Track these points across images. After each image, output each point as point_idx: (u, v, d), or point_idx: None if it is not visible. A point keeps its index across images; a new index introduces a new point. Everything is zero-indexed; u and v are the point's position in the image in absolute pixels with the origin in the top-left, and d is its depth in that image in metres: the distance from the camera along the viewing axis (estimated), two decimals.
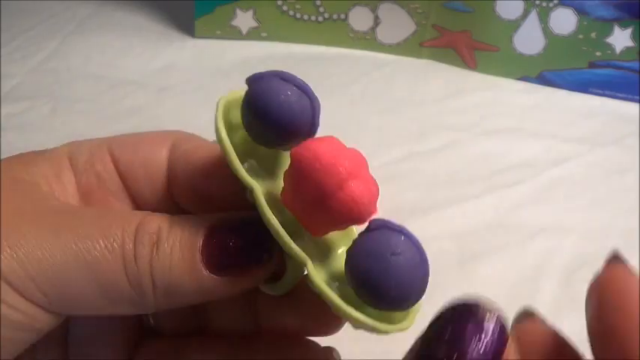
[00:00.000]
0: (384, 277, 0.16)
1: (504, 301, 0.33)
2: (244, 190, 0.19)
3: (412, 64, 0.58)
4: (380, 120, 0.49)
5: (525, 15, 0.54)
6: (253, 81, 0.20)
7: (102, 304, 0.18)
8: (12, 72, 0.54)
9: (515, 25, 0.54)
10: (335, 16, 0.58)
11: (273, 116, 0.18)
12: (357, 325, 0.17)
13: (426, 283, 0.17)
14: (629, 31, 0.52)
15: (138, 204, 0.21)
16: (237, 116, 0.20)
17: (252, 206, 0.18)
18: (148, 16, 0.65)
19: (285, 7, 0.58)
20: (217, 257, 0.18)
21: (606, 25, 0.52)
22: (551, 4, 0.53)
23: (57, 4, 0.66)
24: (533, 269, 0.35)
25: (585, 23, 0.52)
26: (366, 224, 0.18)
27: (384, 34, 0.59)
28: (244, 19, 0.59)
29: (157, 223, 0.18)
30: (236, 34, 0.60)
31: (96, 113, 0.49)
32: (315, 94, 0.20)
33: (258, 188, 0.18)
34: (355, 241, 0.17)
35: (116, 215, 0.19)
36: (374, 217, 0.18)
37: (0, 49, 0.58)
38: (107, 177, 0.21)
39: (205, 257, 0.18)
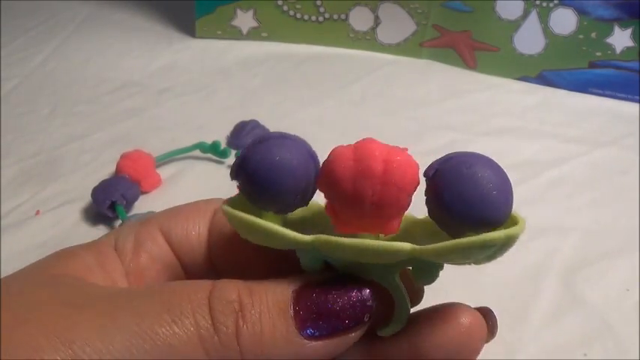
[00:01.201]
0: (474, 189, 0.16)
1: (504, 301, 0.33)
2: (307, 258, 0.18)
3: (412, 64, 0.58)
4: (380, 120, 0.49)
5: (525, 15, 0.54)
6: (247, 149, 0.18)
7: None
8: (12, 73, 0.54)
9: (515, 25, 0.54)
10: (335, 16, 0.58)
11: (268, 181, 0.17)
12: (486, 247, 0.16)
13: (510, 188, 0.17)
14: (629, 31, 0.52)
15: (192, 274, 0.20)
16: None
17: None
18: (148, 17, 0.65)
19: (285, 7, 0.58)
20: (313, 321, 0.17)
21: (606, 25, 0.52)
22: (551, 4, 0.53)
23: (57, 5, 0.66)
24: (534, 269, 0.35)
25: (585, 23, 0.52)
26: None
27: (384, 34, 0.59)
28: (245, 19, 0.59)
29: (234, 290, 0.17)
30: (236, 34, 0.60)
31: (96, 114, 0.49)
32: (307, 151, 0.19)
33: (320, 236, 0.17)
34: (428, 187, 0.17)
35: (177, 287, 0.17)
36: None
37: (0, 49, 0.58)
38: (159, 252, 0.20)
39: (299, 322, 0.16)
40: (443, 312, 0.19)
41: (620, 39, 0.52)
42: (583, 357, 0.30)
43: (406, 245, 0.17)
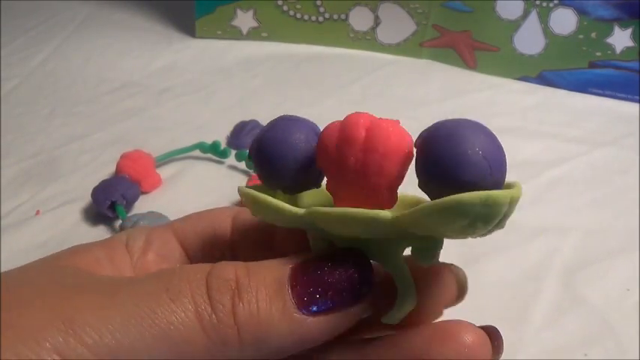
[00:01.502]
0: (452, 148, 0.16)
1: (505, 301, 0.33)
2: (310, 234, 0.18)
3: (412, 64, 0.58)
4: None
5: (525, 15, 0.54)
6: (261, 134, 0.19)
7: None
8: (12, 73, 0.54)
9: (515, 25, 0.54)
10: (335, 16, 0.58)
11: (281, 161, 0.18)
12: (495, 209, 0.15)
13: (499, 152, 0.16)
14: (629, 31, 0.52)
15: None
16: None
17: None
18: (148, 17, 0.65)
19: (285, 7, 0.58)
20: (310, 296, 0.16)
21: (606, 25, 0.52)
22: (551, 4, 0.53)
23: (57, 5, 0.66)
24: (534, 269, 0.35)
25: (585, 23, 0.52)
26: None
27: (384, 34, 0.59)
28: (245, 19, 0.59)
29: (232, 268, 0.17)
30: (236, 34, 0.60)
31: (96, 114, 0.49)
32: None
33: (312, 208, 0.17)
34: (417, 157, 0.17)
35: (177, 269, 0.17)
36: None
37: (0, 49, 0.58)
38: (168, 253, 0.20)
39: (297, 297, 0.16)
40: (444, 329, 0.18)
41: (620, 39, 0.52)
42: (583, 357, 0.30)
43: (385, 213, 0.16)
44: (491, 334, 0.18)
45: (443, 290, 0.20)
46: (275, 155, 0.18)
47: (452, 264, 0.20)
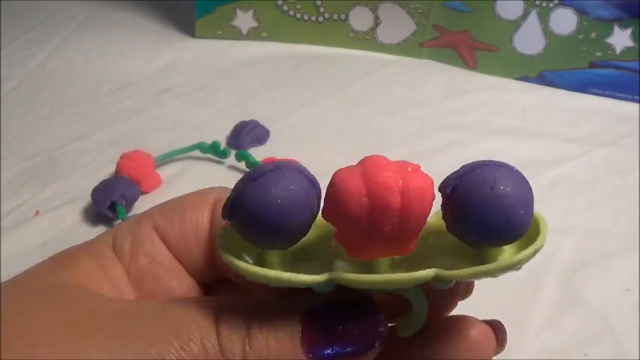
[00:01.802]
0: (500, 210, 0.16)
1: (505, 301, 0.33)
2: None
3: (412, 64, 0.58)
4: (380, 120, 0.49)
5: (525, 15, 0.54)
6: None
7: None
8: (12, 73, 0.54)
9: (515, 25, 0.54)
10: (335, 16, 0.58)
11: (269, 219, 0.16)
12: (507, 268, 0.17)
13: (532, 197, 0.16)
14: (629, 31, 0.52)
15: (192, 272, 0.20)
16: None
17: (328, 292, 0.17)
18: (148, 17, 0.65)
19: (285, 7, 0.58)
20: (321, 345, 0.16)
21: (606, 25, 0.52)
22: (551, 4, 0.53)
23: (57, 5, 0.66)
24: (534, 269, 0.35)
25: (585, 23, 0.52)
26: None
27: (384, 34, 0.59)
28: (245, 19, 0.59)
29: (243, 318, 0.16)
30: (236, 34, 0.60)
31: (96, 114, 0.49)
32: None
33: (335, 273, 0.16)
34: (446, 200, 0.17)
35: (185, 310, 0.17)
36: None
37: (0, 49, 0.58)
38: (157, 254, 0.20)
39: (307, 346, 0.16)
40: (453, 324, 0.19)
41: (620, 39, 0.52)
42: (583, 357, 0.30)
43: (429, 272, 0.16)
44: (496, 328, 0.19)
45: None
46: (273, 221, 0.16)
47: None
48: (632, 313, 0.33)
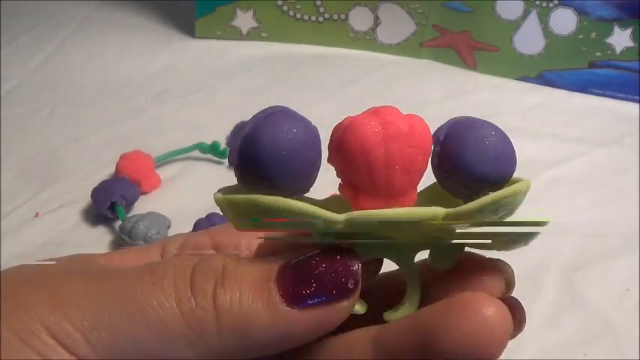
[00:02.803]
0: (492, 148, 0.17)
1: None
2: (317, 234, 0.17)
3: (412, 64, 0.58)
4: None
5: (525, 15, 0.54)
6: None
7: (153, 348, 0.15)
8: (11, 73, 0.54)
9: (515, 25, 0.54)
10: (335, 17, 0.58)
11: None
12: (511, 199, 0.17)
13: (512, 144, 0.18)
14: (629, 31, 0.52)
15: None
16: None
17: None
18: (148, 17, 0.65)
19: (285, 8, 0.58)
20: (296, 289, 0.16)
21: (606, 26, 0.52)
22: (551, 5, 0.53)
23: (57, 5, 0.66)
24: (534, 269, 0.35)
25: (585, 23, 0.52)
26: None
27: (384, 35, 0.59)
28: (244, 20, 0.59)
29: (221, 258, 0.16)
30: (236, 35, 0.60)
31: (96, 114, 0.49)
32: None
33: (354, 212, 0.16)
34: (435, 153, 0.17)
35: (170, 259, 0.17)
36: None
37: (0, 49, 0.58)
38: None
39: (282, 288, 0.16)
40: (461, 301, 0.16)
41: (620, 39, 0.52)
42: (583, 357, 0.30)
43: (439, 210, 0.16)
44: (513, 306, 0.17)
45: (490, 287, 0.18)
46: (287, 158, 0.16)
47: (498, 259, 0.19)
48: (632, 312, 0.33)
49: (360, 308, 0.17)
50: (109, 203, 0.37)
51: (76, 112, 0.50)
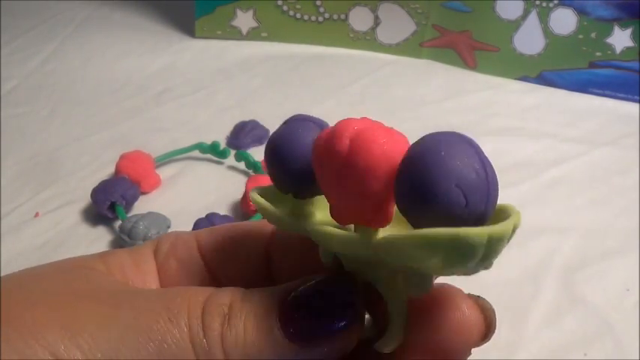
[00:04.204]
0: (434, 179, 0.14)
1: (504, 300, 0.33)
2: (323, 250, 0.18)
3: (412, 64, 0.58)
4: (380, 120, 0.49)
5: (525, 15, 0.54)
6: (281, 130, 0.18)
7: None
8: (11, 73, 0.54)
9: (515, 25, 0.54)
10: (335, 16, 0.58)
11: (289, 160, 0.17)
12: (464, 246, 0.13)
13: (488, 182, 0.14)
14: (629, 31, 0.52)
15: (220, 284, 0.20)
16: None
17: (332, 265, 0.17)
18: (148, 17, 0.65)
19: (285, 8, 0.58)
20: (298, 323, 0.16)
21: (606, 25, 0.52)
22: (551, 4, 0.53)
23: (57, 5, 0.66)
24: (533, 269, 0.35)
25: (585, 23, 0.52)
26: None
27: (384, 34, 0.59)
28: (244, 20, 0.59)
29: (228, 295, 0.17)
30: (236, 35, 0.60)
31: (96, 114, 0.49)
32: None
33: (310, 223, 0.17)
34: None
35: (181, 290, 0.17)
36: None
37: (0, 49, 0.58)
38: (188, 260, 0.20)
39: (284, 325, 0.16)
40: (440, 297, 0.17)
41: (619, 39, 0.52)
42: (583, 357, 0.30)
43: (353, 235, 0.16)
44: (483, 306, 0.17)
45: (464, 328, 0.17)
46: (285, 157, 0.17)
47: (478, 296, 0.18)
48: (632, 312, 0.33)
49: (370, 330, 0.18)
50: (109, 203, 0.37)
51: (75, 111, 0.50)
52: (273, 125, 0.50)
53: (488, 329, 0.17)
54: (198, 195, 0.41)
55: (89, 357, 0.15)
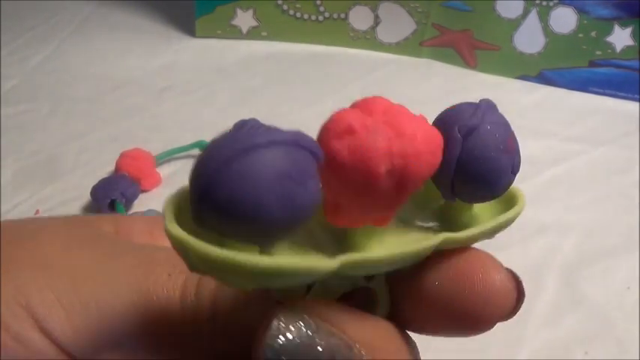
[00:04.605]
0: (505, 170, 0.16)
1: None
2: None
3: (412, 64, 0.58)
4: None
5: (525, 14, 0.54)
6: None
7: (137, 341, 0.15)
8: (11, 72, 0.54)
9: (515, 24, 0.54)
10: (335, 16, 0.58)
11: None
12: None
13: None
14: (629, 30, 0.52)
15: None
16: None
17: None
18: (148, 16, 0.65)
19: (285, 7, 0.58)
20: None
21: (606, 24, 0.52)
22: (551, 3, 0.53)
23: (57, 5, 0.66)
24: (534, 268, 0.35)
25: (585, 22, 0.52)
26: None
27: (384, 34, 0.59)
28: (244, 19, 0.59)
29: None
30: (236, 34, 0.60)
31: (96, 114, 0.49)
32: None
33: (351, 255, 0.13)
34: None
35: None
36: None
37: (0, 49, 0.58)
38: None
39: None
40: (474, 263, 0.15)
41: (620, 38, 0.52)
42: (584, 355, 0.30)
43: (440, 237, 0.15)
44: (516, 277, 0.16)
45: (497, 296, 0.16)
46: (263, 205, 0.12)
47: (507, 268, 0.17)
48: (633, 311, 0.33)
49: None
50: (109, 201, 0.37)
51: (76, 110, 0.50)
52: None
53: (518, 301, 0.16)
54: None
55: (63, 299, 0.14)
